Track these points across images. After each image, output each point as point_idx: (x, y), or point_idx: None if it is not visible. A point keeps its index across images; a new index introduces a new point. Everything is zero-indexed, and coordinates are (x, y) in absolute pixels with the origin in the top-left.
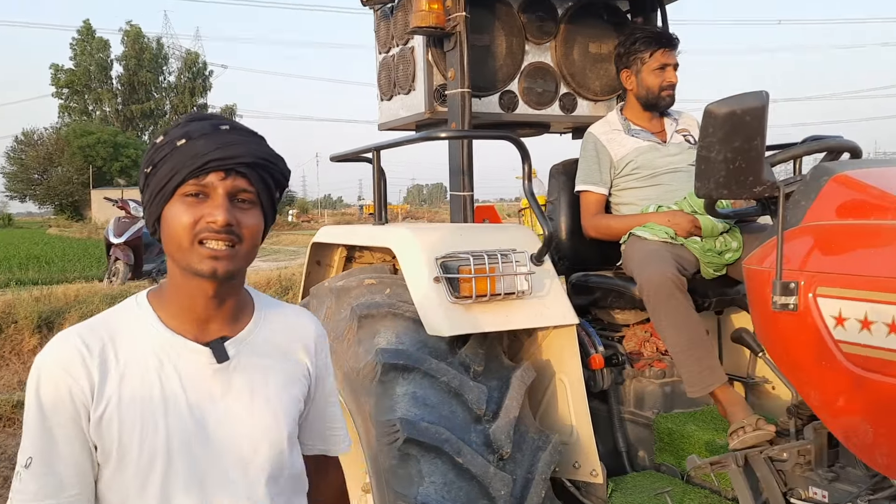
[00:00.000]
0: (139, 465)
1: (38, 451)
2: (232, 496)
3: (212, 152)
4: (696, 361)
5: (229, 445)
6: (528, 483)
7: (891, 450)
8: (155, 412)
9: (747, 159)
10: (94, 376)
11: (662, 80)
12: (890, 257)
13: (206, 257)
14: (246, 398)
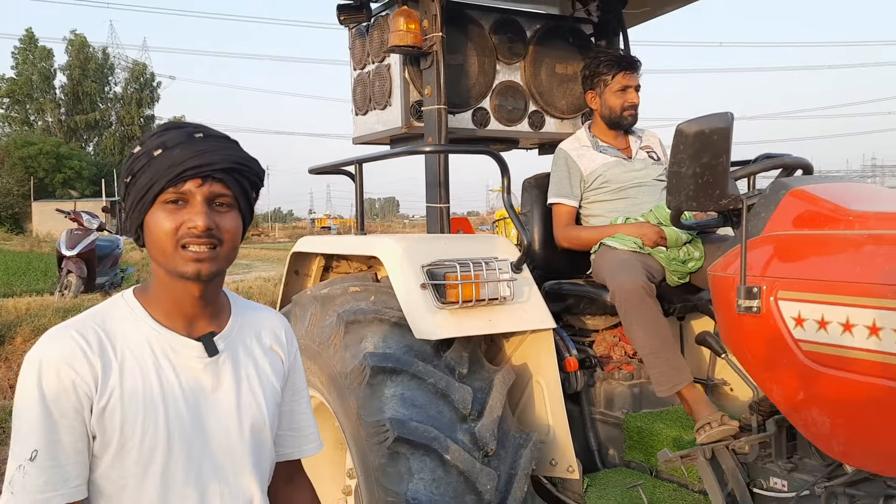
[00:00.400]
0: (140, 454)
1: (44, 443)
2: (223, 483)
3: (188, 160)
4: (664, 362)
5: (220, 435)
6: (511, 478)
7: (847, 438)
8: (155, 403)
9: (714, 174)
10: (97, 369)
11: (624, 100)
12: (843, 264)
13: (190, 260)
14: (233, 390)
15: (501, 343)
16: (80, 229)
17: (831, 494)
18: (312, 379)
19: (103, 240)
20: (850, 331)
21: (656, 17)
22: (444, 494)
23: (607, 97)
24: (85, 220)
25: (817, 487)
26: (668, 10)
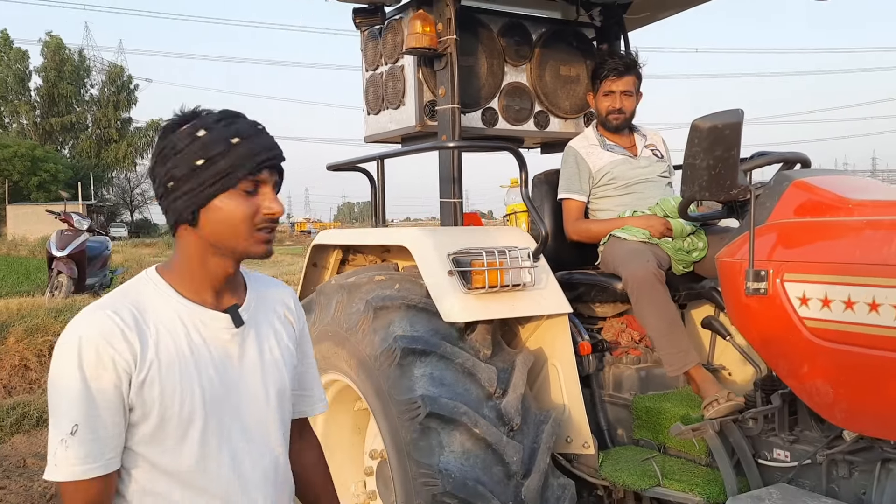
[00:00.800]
0: (180, 421)
1: (84, 417)
2: (252, 443)
3: (265, 151)
4: (674, 344)
5: (248, 399)
6: (534, 451)
7: (848, 405)
8: (190, 373)
9: (726, 166)
10: (135, 346)
11: (609, 104)
12: (844, 247)
13: (262, 242)
14: (257, 357)
15: (517, 329)
16: (71, 230)
17: (832, 462)
18: (339, 363)
19: (93, 241)
20: (852, 308)
21: (656, 21)
22: (474, 466)
23: (598, 100)
24: (75, 220)
25: (818, 456)
26: (668, 14)
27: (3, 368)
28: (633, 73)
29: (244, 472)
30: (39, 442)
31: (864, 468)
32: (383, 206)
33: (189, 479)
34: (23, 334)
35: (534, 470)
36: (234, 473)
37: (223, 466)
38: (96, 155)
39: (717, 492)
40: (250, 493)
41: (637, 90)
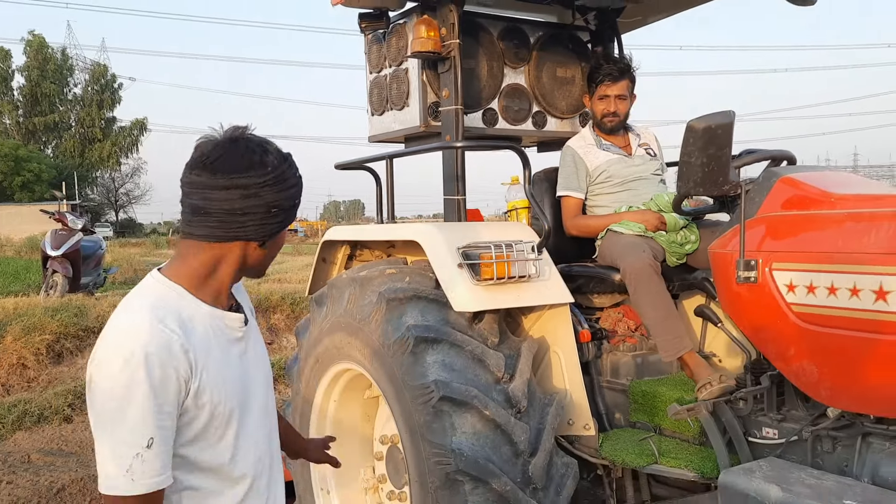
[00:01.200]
0: (223, 418)
1: (157, 430)
2: (265, 425)
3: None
4: (669, 331)
5: (258, 387)
6: (540, 432)
7: (832, 383)
8: (224, 373)
9: (719, 164)
10: (191, 356)
11: (603, 108)
12: (827, 238)
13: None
14: (255, 350)
15: (520, 319)
16: (65, 230)
17: (816, 437)
18: (352, 352)
19: (87, 240)
20: (835, 293)
21: (648, 24)
22: (484, 445)
23: (594, 103)
24: (69, 220)
25: (804, 433)
26: (660, 17)
27: (2, 367)
28: (627, 78)
29: (262, 455)
30: (42, 438)
31: (846, 443)
32: (392, 204)
33: (225, 469)
34: (20, 333)
35: (540, 449)
36: (256, 457)
37: (250, 453)
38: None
39: (711, 468)
40: (267, 471)
41: (631, 93)
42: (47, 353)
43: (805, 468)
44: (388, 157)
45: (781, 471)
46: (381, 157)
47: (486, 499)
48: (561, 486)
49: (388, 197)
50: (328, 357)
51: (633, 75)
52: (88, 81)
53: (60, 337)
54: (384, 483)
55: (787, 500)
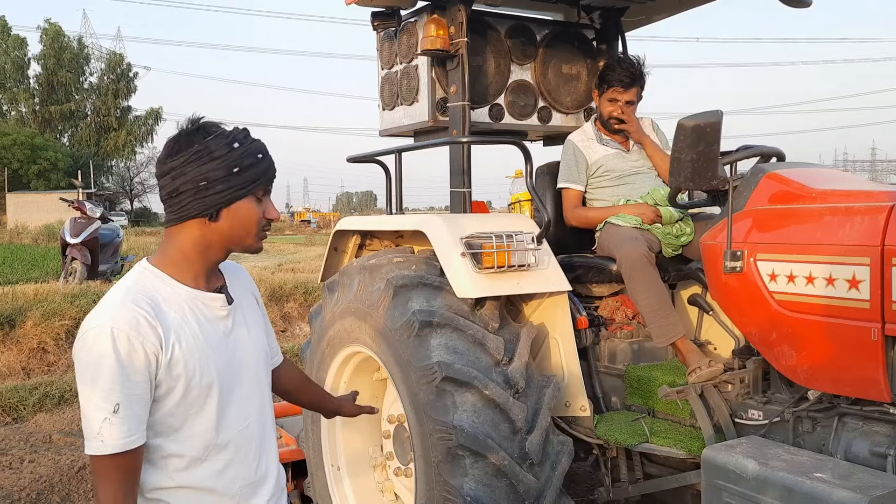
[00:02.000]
0: (201, 390)
1: (123, 397)
2: (253, 399)
3: (273, 167)
4: (663, 318)
5: (245, 363)
6: (537, 411)
7: (809, 366)
8: (204, 349)
9: (707, 160)
10: (159, 331)
11: (611, 110)
12: (807, 231)
13: (261, 240)
14: (244, 327)
15: (521, 306)
16: (84, 218)
17: (797, 418)
18: (361, 336)
19: (105, 228)
20: (813, 282)
21: (652, 22)
22: (484, 423)
23: (602, 101)
24: (88, 208)
25: (786, 414)
26: (662, 17)
27: (23, 351)
28: (638, 85)
29: (250, 425)
30: (62, 419)
31: (824, 423)
32: (400, 196)
33: (208, 438)
34: (40, 318)
35: (536, 427)
36: (244, 427)
37: (235, 423)
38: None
39: (699, 446)
40: (256, 441)
41: (639, 98)
42: (67, 338)
43: (783, 445)
44: (397, 150)
45: (760, 447)
46: (390, 151)
47: (485, 472)
48: (556, 462)
49: (396, 189)
50: (339, 340)
51: (644, 81)
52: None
53: (80, 322)
54: (391, 460)
55: (763, 474)
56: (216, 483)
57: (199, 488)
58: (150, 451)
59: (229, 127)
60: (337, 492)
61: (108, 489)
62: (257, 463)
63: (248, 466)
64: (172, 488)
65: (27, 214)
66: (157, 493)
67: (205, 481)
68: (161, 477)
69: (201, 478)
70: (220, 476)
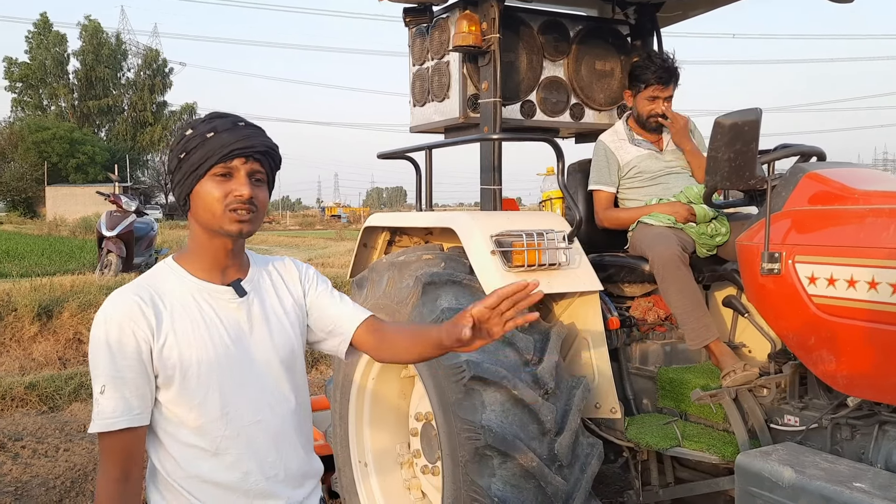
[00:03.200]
0: (200, 378)
1: (109, 380)
2: (266, 392)
3: (236, 142)
4: (696, 320)
5: (260, 356)
6: (566, 412)
7: (849, 372)
8: (204, 337)
9: (745, 159)
10: (151, 320)
11: (651, 108)
12: (849, 233)
13: (235, 221)
14: (264, 321)
15: (551, 305)
16: (120, 211)
17: (836, 425)
18: None
19: (140, 222)
20: (854, 286)
21: (688, 18)
22: (512, 423)
23: (639, 101)
24: (124, 202)
25: (824, 420)
26: (699, 12)
27: (59, 342)
28: (675, 81)
29: (266, 419)
30: None
31: (864, 431)
32: (430, 193)
33: (218, 428)
34: (76, 309)
35: (566, 428)
36: (256, 420)
37: (247, 416)
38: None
39: (732, 451)
40: (275, 437)
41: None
42: None
43: (820, 453)
44: (427, 147)
45: (797, 454)
46: (421, 148)
47: (513, 473)
48: (585, 464)
49: (426, 185)
50: None
51: (679, 77)
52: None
53: None
54: (419, 458)
55: (800, 482)
56: (228, 476)
57: (211, 481)
58: (167, 440)
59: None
60: (364, 488)
61: (100, 469)
62: (273, 458)
63: (262, 461)
64: (189, 478)
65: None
66: (177, 482)
67: (216, 473)
68: (178, 467)
69: (212, 469)
70: (233, 469)
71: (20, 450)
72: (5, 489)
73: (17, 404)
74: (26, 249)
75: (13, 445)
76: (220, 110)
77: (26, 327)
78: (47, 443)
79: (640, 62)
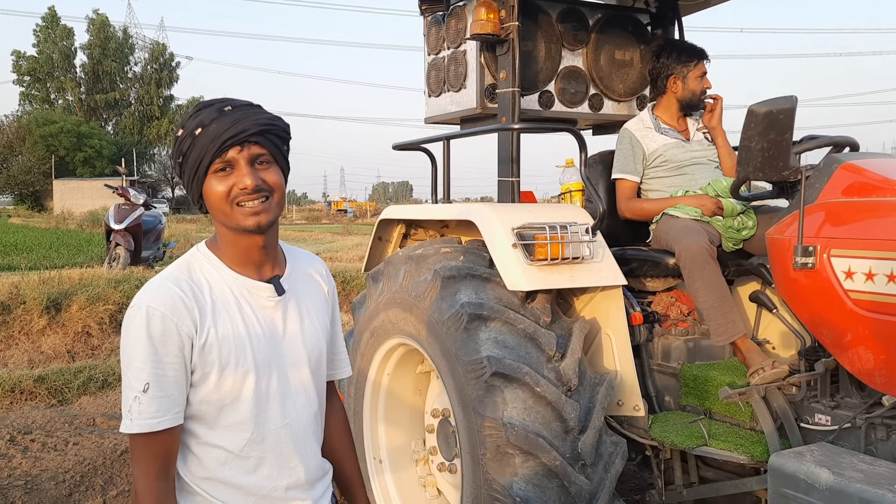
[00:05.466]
0: (236, 378)
1: (154, 377)
2: (297, 395)
3: (225, 132)
4: (723, 315)
5: (292, 358)
6: (590, 410)
7: (888, 371)
8: (242, 337)
9: (779, 149)
10: (195, 314)
11: (703, 85)
12: (888, 225)
13: (249, 214)
14: (298, 322)
15: (572, 300)
16: (128, 204)
17: (870, 425)
18: (406, 328)
19: (148, 215)
20: (894, 281)
21: (711, 6)
22: (535, 421)
23: (689, 82)
24: (132, 195)
25: (858, 420)
26: (721, 0)
27: (68, 335)
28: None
29: (291, 423)
30: (106, 402)
31: None
32: (447, 185)
33: (246, 430)
34: (85, 303)
35: (589, 427)
36: (283, 424)
37: (275, 419)
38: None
39: (761, 451)
40: (297, 441)
41: None
42: (110, 322)
43: (857, 454)
44: (444, 138)
45: (833, 455)
46: (438, 139)
47: (535, 472)
48: (609, 464)
49: (444, 177)
50: (383, 332)
51: None
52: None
53: (123, 307)
54: (435, 455)
55: (838, 485)
56: (249, 479)
57: (231, 483)
58: (190, 440)
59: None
60: (378, 485)
61: (139, 468)
62: (295, 462)
63: (283, 465)
64: (209, 479)
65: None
66: (196, 483)
67: (238, 476)
68: (199, 467)
69: (235, 472)
70: (254, 472)
71: (29, 443)
72: (15, 483)
73: (26, 398)
74: (34, 243)
75: (22, 439)
76: (207, 98)
77: (35, 320)
78: (56, 436)
79: (671, 43)
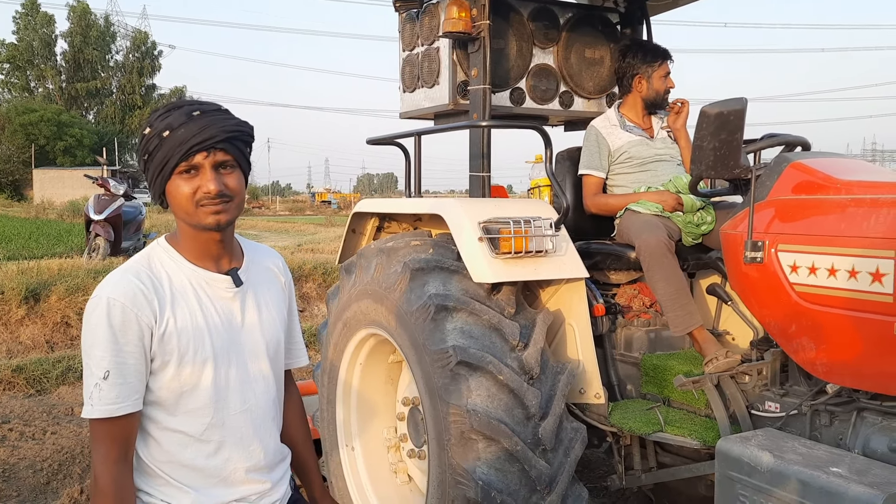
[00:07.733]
0: (194, 367)
1: (114, 365)
2: (256, 383)
3: (193, 138)
4: (681, 307)
5: (251, 348)
6: (551, 398)
7: (829, 359)
8: (201, 326)
9: (730, 148)
10: (154, 305)
11: (666, 84)
12: (830, 222)
13: (210, 214)
14: (256, 312)
15: (538, 292)
16: (108, 195)
17: (815, 412)
18: (377, 318)
19: (128, 206)
20: (835, 275)
21: (678, 7)
22: (498, 407)
23: (654, 81)
24: (112, 186)
25: (804, 407)
26: (688, 1)
27: (47, 325)
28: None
29: (251, 409)
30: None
31: (842, 417)
32: (419, 179)
33: (206, 415)
34: (64, 293)
35: (550, 413)
36: (243, 410)
37: (234, 404)
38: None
39: (713, 437)
40: (257, 426)
41: None
42: None
43: (799, 438)
44: (416, 133)
45: (776, 440)
46: (410, 134)
47: (497, 456)
48: (569, 448)
49: (415, 172)
50: (355, 322)
51: None
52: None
53: None
54: (405, 442)
55: (778, 467)
56: (209, 462)
57: (192, 466)
58: (150, 425)
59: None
60: (351, 471)
61: (99, 452)
62: (255, 446)
63: (243, 449)
64: (170, 462)
65: (53, 190)
66: (157, 466)
67: (198, 459)
68: (160, 451)
69: (195, 455)
70: (215, 456)
71: (7, 432)
72: None
73: (3, 387)
74: (13, 232)
75: (0, 428)
76: (179, 99)
77: (13, 310)
78: (34, 426)
79: (636, 44)
